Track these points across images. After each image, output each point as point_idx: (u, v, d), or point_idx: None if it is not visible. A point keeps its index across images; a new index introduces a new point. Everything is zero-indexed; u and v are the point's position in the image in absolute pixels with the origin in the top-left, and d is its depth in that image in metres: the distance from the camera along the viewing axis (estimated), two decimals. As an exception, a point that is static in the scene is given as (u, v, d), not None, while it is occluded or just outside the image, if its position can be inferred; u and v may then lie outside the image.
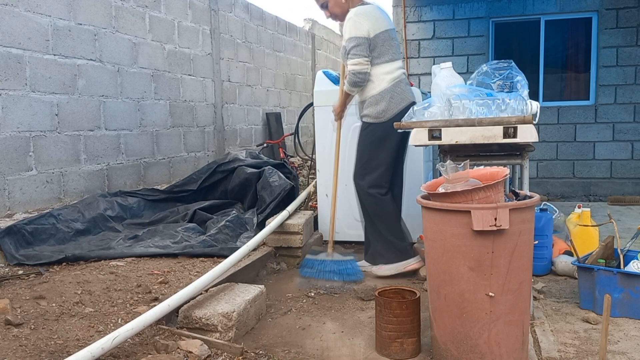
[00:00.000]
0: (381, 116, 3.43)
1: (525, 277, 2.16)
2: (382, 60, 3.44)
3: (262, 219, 4.17)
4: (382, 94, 3.43)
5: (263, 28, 8.45)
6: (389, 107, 3.42)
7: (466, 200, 2.10)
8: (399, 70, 3.50)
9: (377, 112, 3.44)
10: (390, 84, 3.44)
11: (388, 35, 3.45)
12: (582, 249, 3.10)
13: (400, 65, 3.55)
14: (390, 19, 3.68)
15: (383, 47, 3.43)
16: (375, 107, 3.44)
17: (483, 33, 6.88)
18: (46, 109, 4.27)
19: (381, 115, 3.43)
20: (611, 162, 6.65)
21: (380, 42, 3.41)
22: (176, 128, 6.03)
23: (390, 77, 3.44)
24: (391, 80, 3.44)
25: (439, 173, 2.29)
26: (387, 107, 3.42)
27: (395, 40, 3.55)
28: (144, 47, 5.45)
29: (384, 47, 3.43)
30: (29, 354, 2.11)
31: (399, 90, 3.46)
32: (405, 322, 2.37)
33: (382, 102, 3.42)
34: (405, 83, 3.54)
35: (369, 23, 3.38)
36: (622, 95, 6.54)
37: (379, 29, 3.41)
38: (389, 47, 3.45)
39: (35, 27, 4.17)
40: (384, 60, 3.44)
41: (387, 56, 3.44)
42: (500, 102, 2.61)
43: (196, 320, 2.49)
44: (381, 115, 3.43)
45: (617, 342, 2.49)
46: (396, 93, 3.44)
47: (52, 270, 3.18)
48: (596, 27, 6.56)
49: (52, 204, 4.27)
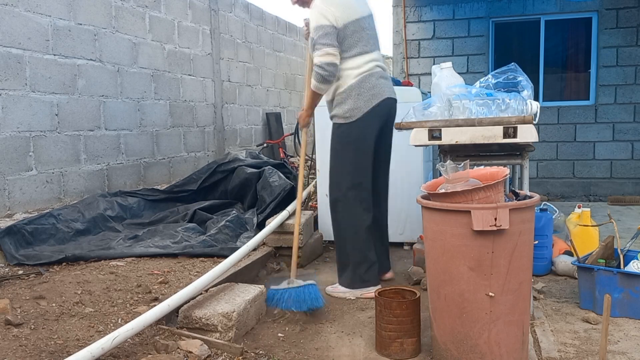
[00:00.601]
0: (350, 116, 3.07)
1: (525, 277, 2.16)
2: (350, 53, 3.04)
3: (262, 219, 4.17)
4: (348, 91, 3.06)
5: (263, 28, 8.45)
6: (356, 106, 3.05)
7: (466, 200, 2.10)
8: (370, 64, 3.08)
9: (344, 111, 3.08)
10: (356, 78, 3.04)
11: (359, 25, 3.05)
12: (582, 249, 3.10)
13: (374, 58, 3.12)
14: (367, 4, 3.22)
15: (352, 38, 3.03)
16: (342, 106, 3.08)
17: (483, 33, 6.88)
18: (46, 109, 4.27)
19: (350, 115, 3.07)
20: (611, 162, 6.65)
21: (350, 33, 3.02)
22: (176, 128, 6.03)
23: (357, 71, 3.04)
24: (358, 75, 3.04)
25: (439, 173, 2.29)
26: (354, 105, 3.05)
27: (369, 30, 3.12)
28: (144, 47, 5.45)
29: (353, 38, 3.03)
30: (29, 354, 2.11)
31: (368, 85, 3.05)
32: (405, 322, 2.37)
33: (349, 100, 3.05)
34: (377, 77, 3.10)
35: (337, 11, 2.99)
36: (622, 95, 6.54)
37: (348, 17, 3.01)
38: (359, 39, 3.05)
39: (35, 27, 4.17)
40: (353, 54, 3.04)
41: (357, 49, 3.04)
42: (500, 102, 2.61)
43: (196, 320, 2.49)
44: (349, 114, 3.07)
45: (617, 342, 2.49)
46: (364, 89, 3.05)
47: (52, 270, 3.18)
48: (596, 27, 6.56)
49: (52, 204, 4.28)
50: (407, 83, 4.84)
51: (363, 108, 3.05)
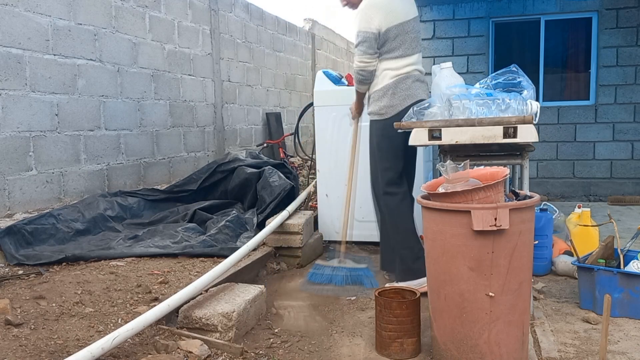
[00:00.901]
0: (385, 112, 3.24)
1: (525, 277, 2.16)
2: (392, 55, 3.22)
3: (262, 219, 4.17)
4: (384, 90, 3.24)
5: (263, 28, 8.45)
6: (391, 103, 3.21)
7: (466, 200, 2.10)
8: (408, 67, 3.24)
9: (379, 108, 3.27)
10: (393, 79, 3.22)
11: (402, 29, 3.20)
12: (582, 249, 3.10)
13: (413, 61, 3.27)
14: (414, 5, 3.36)
15: (395, 41, 3.20)
16: (378, 103, 3.27)
17: (483, 33, 6.88)
18: (46, 109, 4.27)
19: (384, 112, 3.24)
20: (611, 162, 6.65)
21: (392, 37, 3.18)
22: (176, 128, 6.03)
23: (394, 72, 3.22)
24: (395, 76, 3.22)
25: (439, 173, 2.29)
26: (389, 103, 3.22)
27: (412, 33, 3.26)
28: (144, 47, 5.45)
29: (396, 41, 3.20)
30: (29, 354, 2.11)
31: (404, 86, 3.22)
32: (405, 322, 2.37)
33: (385, 98, 3.24)
34: (414, 79, 3.26)
35: (380, 16, 3.15)
36: (622, 95, 6.54)
37: (391, 22, 3.17)
38: (402, 42, 3.21)
39: (35, 27, 4.17)
40: (394, 56, 3.22)
41: (398, 52, 3.21)
42: (500, 102, 2.61)
43: (196, 320, 2.49)
44: (384, 111, 3.24)
45: (617, 342, 2.49)
46: (400, 89, 3.21)
47: (52, 270, 3.18)
48: (596, 27, 6.56)
49: (52, 204, 4.27)
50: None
51: (397, 106, 3.19)
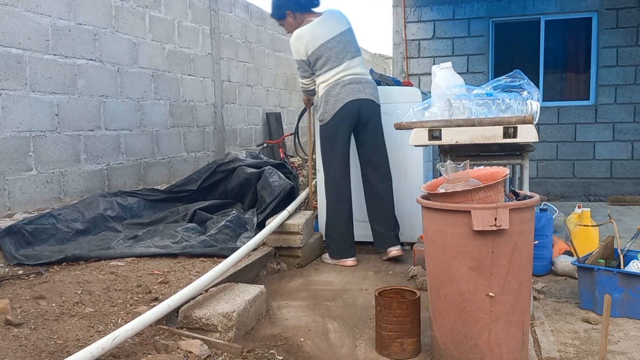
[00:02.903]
0: (323, 119, 3.81)
1: (525, 277, 2.16)
2: (322, 70, 3.79)
3: (262, 219, 4.17)
4: (319, 100, 3.84)
5: (263, 28, 8.45)
6: (326, 110, 3.77)
7: (466, 200, 2.10)
8: (336, 75, 3.76)
9: (319, 115, 3.86)
10: (324, 89, 3.79)
11: (325, 47, 3.75)
12: (582, 249, 3.10)
13: (341, 69, 3.76)
14: (341, 20, 3.87)
15: (321, 59, 3.77)
16: (318, 111, 3.87)
17: (483, 33, 6.88)
18: (46, 109, 4.27)
19: (322, 118, 3.81)
20: (611, 162, 6.65)
21: (319, 56, 3.77)
22: (176, 128, 6.03)
23: (325, 84, 3.79)
24: (325, 87, 3.78)
25: (439, 173, 2.29)
26: (324, 110, 3.78)
27: (338, 47, 3.77)
28: (144, 47, 5.46)
29: (322, 59, 3.77)
30: (29, 354, 2.11)
31: (333, 93, 3.74)
32: (405, 322, 2.37)
33: (320, 106, 3.82)
34: (344, 84, 3.74)
35: (304, 43, 3.78)
36: (622, 95, 6.54)
37: (314, 45, 3.75)
38: (328, 58, 3.76)
39: (35, 27, 4.17)
40: (323, 71, 3.79)
41: (327, 66, 3.77)
42: (500, 102, 2.61)
43: (196, 320, 2.49)
44: (322, 117, 3.82)
45: (617, 342, 2.49)
46: (330, 96, 3.75)
47: (52, 270, 3.18)
48: (596, 27, 6.56)
49: (52, 204, 4.28)
50: (407, 83, 4.84)
51: (330, 112, 3.76)
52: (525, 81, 2.79)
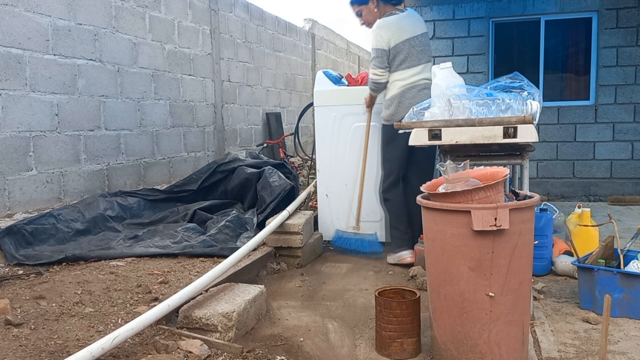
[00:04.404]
0: (391, 120, 3.69)
1: (525, 277, 2.16)
2: (401, 67, 3.69)
3: (262, 219, 4.17)
4: (392, 99, 3.72)
5: (263, 28, 8.45)
6: (397, 112, 3.66)
7: (466, 200, 2.10)
8: (414, 77, 3.68)
9: (387, 115, 3.76)
10: (400, 90, 3.68)
11: (409, 44, 3.67)
12: (582, 249, 3.10)
13: (419, 71, 3.70)
14: (422, 22, 3.88)
15: (402, 55, 3.67)
16: (387, 110, 3.77)
17: (483, 33, 6.87)
18: (46, 109, 4.27)
19: (390, 119, 3.70)
20: (611, 162, 6.64)
21: (400, 51, 3.66)
22: (176, 128, 6.03)
23: (401, 83, 3.68)
24: (401, 87, 3.68)
25: (439, 173, 2.29)
26: (395, 111, 3.68)
27: (419, 47, 3.72)
28: (144, 47, 5.46)
29: (403, 54, 3.67)
30: (29, 354, 2.11)
31: (409, 96, 3.65)
32: (405, 322, 2.37)
33: (391, 106, 3.72)
34: (419, 89, 3.67)
35: (389, 33, 3.64)
36: (622, 95, 6.53)
37: (399, 38, 3.65)
38: (408, 55, 3.68)
39: (35, 27, 4.17)
40: (402, 68, 3.69)
41: (406, 64, 3.68)
42: (500, 102, 2.61)
43: (196, 320, 2.49)
44: (390, 118, 3.71)
45: (617, 342, 2.49)
46: (405, 99, 3.65)
47: (52, 270, 3.18)
48: (596, 27, 6.55)
49: (52, 204, 4.28)
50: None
51: (401, 114, 3.51)
52: (525, 82, 2.79)
